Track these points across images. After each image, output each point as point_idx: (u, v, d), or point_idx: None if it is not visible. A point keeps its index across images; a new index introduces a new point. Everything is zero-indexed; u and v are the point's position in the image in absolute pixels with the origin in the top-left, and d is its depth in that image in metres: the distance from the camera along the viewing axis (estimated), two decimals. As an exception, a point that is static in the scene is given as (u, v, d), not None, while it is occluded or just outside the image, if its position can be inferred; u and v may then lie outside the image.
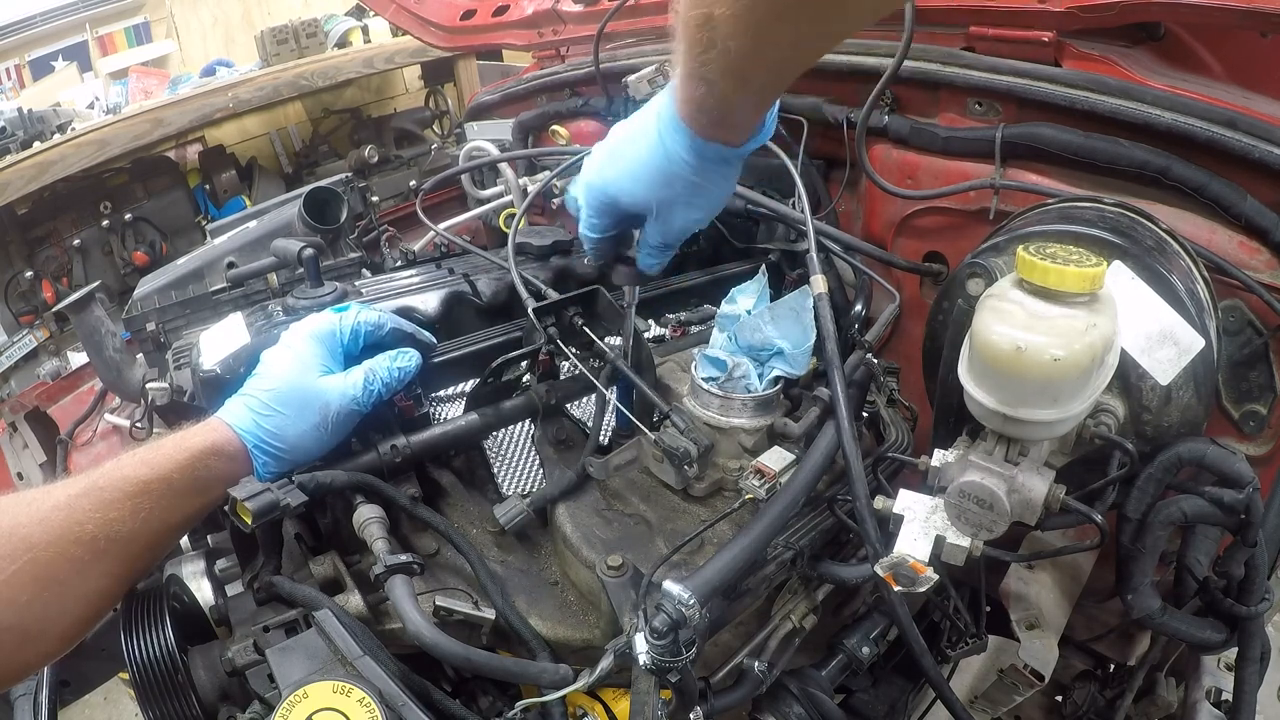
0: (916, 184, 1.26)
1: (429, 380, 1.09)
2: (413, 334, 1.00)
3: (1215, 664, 1.13)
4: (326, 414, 0.87)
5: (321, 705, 0.64)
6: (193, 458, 0.81)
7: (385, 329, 0.97)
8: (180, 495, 0.80)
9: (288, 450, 0.85)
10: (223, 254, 1.66)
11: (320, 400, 0.87)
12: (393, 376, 0.92)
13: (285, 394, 0.86)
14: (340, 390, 0.88)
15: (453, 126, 4.36)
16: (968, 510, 0.80)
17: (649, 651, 0.70)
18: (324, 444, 0.89)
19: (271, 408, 0.85)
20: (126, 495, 0.77)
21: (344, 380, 0.89)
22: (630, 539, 0.93)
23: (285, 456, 0.85)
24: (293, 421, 0.85)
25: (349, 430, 0.91)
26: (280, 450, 0.85)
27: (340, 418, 0.88)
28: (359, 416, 0.91)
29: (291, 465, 0.87)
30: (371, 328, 0.95)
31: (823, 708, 0.94)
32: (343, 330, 0.94)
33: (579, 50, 1.89)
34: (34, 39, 4.15)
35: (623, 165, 0.79)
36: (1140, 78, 1.06)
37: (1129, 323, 0.81)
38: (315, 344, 0.91)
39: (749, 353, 1.00)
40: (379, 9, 2.34)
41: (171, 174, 3.68)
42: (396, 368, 0.93)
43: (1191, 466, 0.85)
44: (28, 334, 3.28)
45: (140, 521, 0.77)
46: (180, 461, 0.80)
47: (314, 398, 0.87)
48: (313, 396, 0.87)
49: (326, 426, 0.87)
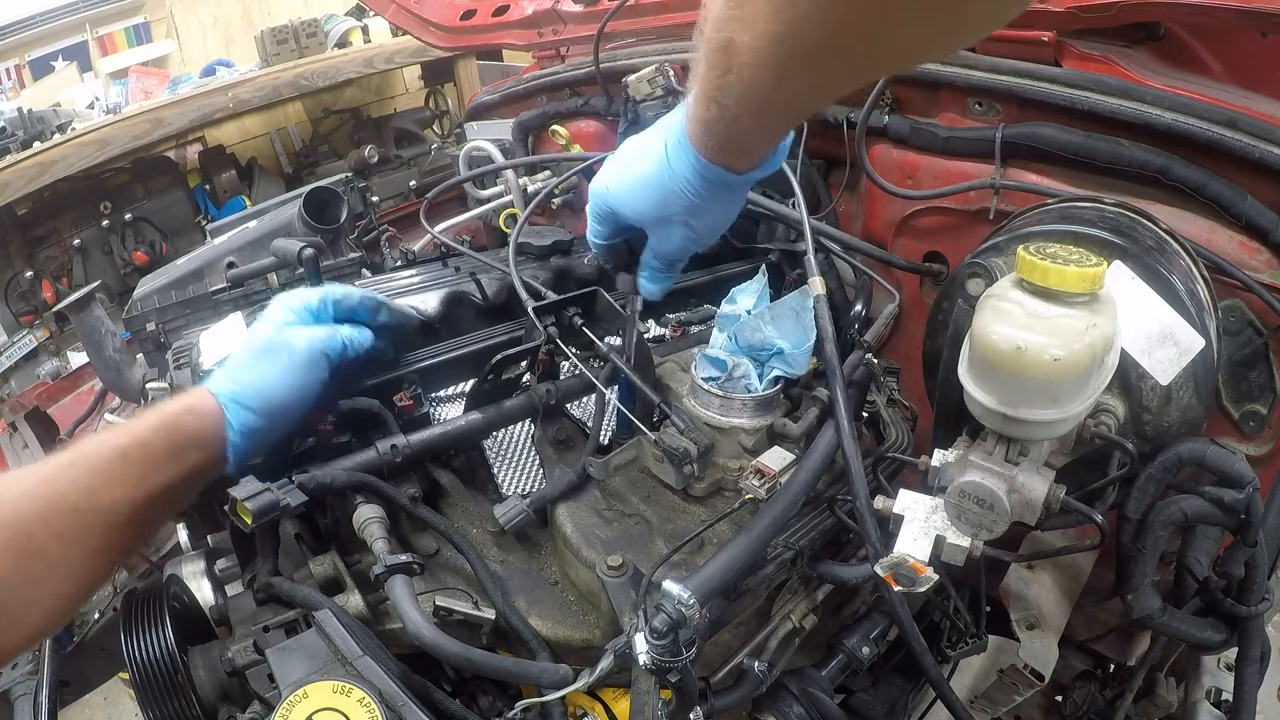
0: (916, 184, 1.26)
1: (429, 380, 1.09)
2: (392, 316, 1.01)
3: (1215, 664, 1.13)
4: (294, 356, 0.88)
5: (321, 705, 0.64)
6: (166, 420, 0.81)
7: (355, 299, 0.98)
8: (158, 459, 0.79)
9: (256, 398, 0.85)
10: (223, 254, 1.66)
11: (286, 344, 0.89)
12: (353, 339, 0.94)
13: (252, 347, 0.89)
14: (305, 334, 0.90)
15: (453, 126, 4.36)
16: (968, 510, 0.80)
17: (649, 651, 0.70)
18: (293, 390, 0.88)
19: (239, 361, 0.88)
20: (106, 462, 0.77)
21: (310, 328, 0.92)
22: (630, 539, 0.93)
23: (255, 406, 0.85)
24: (260, 369, 0.87)
25: (318, 383, 0.91)
26: (250, 400, 0.85)
27: (306, 360, 0.89)
28: (325, 365, 0.91)
29: (266, 420, 0.86)
30: (340, 296, 0.97)
31: (823, 708, 0.94)
32: (311, 296, 0.95)
33: (579, 50, 1.89)
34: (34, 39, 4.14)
35: (627, 177, 0.80)
36: (1140, 78, 1.06)
37: (1129, 323, 0.81)
38: (284, 307, 0.94)
39: (749, 353, 1.00)
40: (379, 9, 2.34)
41: (171, 174, 3.68)
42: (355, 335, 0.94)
43: (1191, 466, 0.85)
44: (28, 334, 3.28)
45: (120, 488, 0.77)
46: (155, 425, 0.80)
47: (280, 343, 0.89)
48: (279, 342, 0.89)
49: (294, 371, 0.88)
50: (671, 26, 1.61)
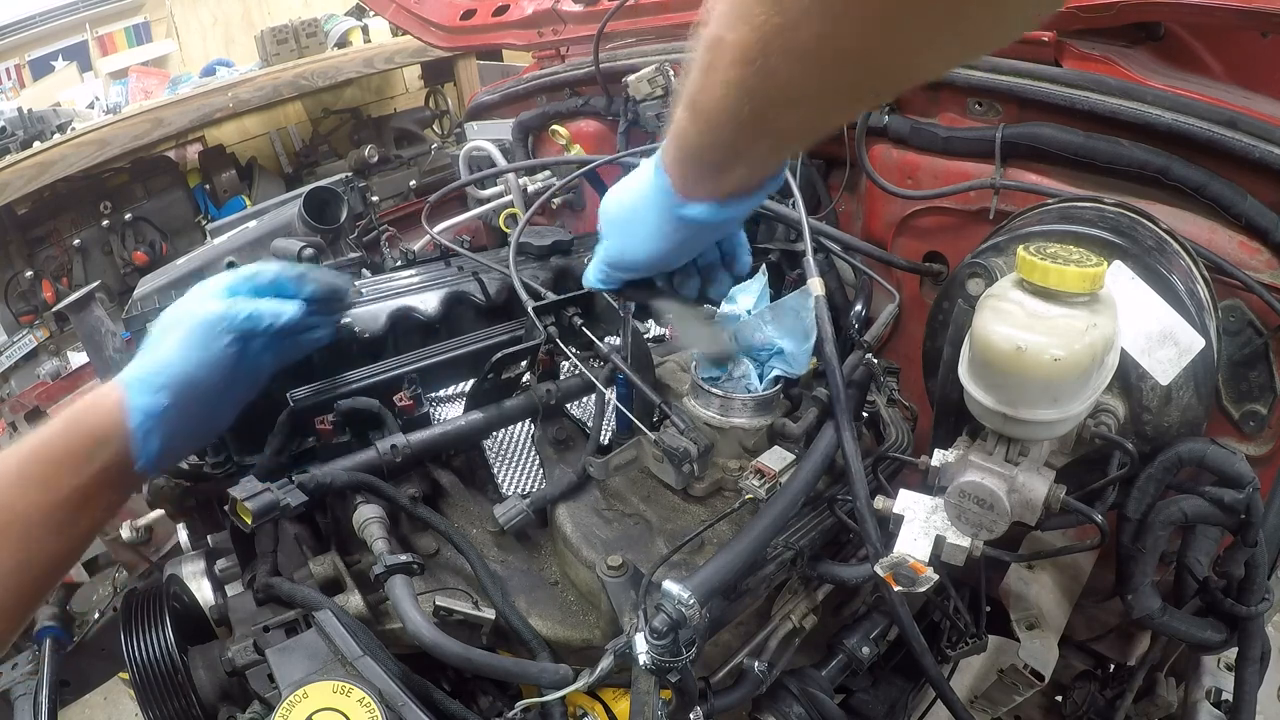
0: (916, 184, 1.26)
1: (429, 380, 1.09)
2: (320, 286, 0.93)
3: (1215, 664, 1.13)
4: (190, 329, 0.83)
5: (321, 705, 0.64)
6: (69, 417, 0.79)
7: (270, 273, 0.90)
8: (64, 459, 0.77)
9: (155, 375, 0.81)
10: (223, 254, 1.66)
11: (184, 317, 0.84)
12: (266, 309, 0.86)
13: (154, 327, 0.85)
14: (203, 307, 0.84)
15: (453, 126, 4.36)
16: (968, 510, 0.80)
17: (649, 651, 0.70)
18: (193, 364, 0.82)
19: (144, 345, 0.84)
20: (15, 467, 0.75)
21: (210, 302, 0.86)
22: (630, 539, 0.93)
23: (154, 382, 0.80)
24: (157, 347, 0.83)
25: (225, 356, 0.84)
26: (149, 377, 0.80)
27: (203, 331, 0.83)
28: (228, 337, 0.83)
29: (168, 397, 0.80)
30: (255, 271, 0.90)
31: (823, 708, 0.94)
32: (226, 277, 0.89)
33: (579, 50, 1.89)
34: (34, 39, 4.14)
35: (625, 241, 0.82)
36: (1140, 78, 1.06)
37: (1129, 323, 0.81)
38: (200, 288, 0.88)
39: (749, 353, 1.00)
40: (379, 9, 2.34)
41: (171, 174, 3.68)
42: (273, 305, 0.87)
43: (1191, 466, 0.85)
44: (28, 334, 3.28)
45: (35, 491, 0.75)
46: (59, 424, 0.78)
47: (179, 318, 0.84)
48: (181, 315, 0.84)
49: (190, 343, 0.82)
50: (671, 26, 1.61)
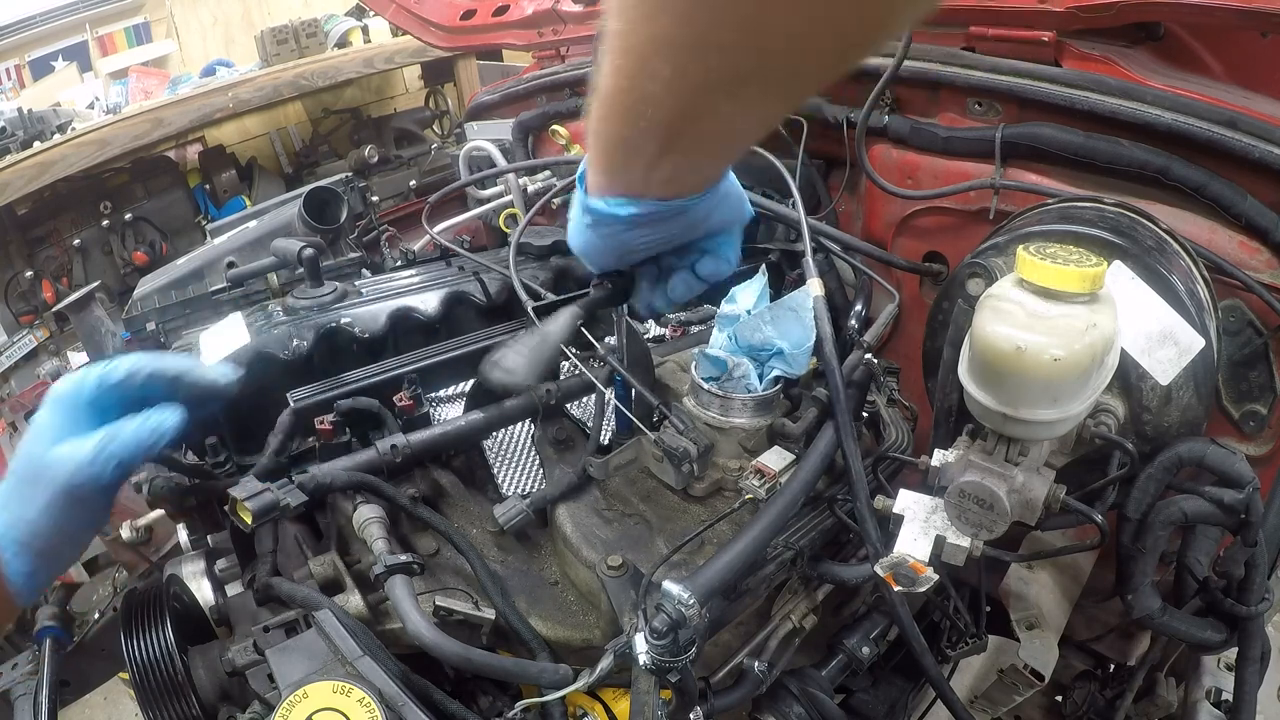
0: (916, 184, 1.26)
1: (429, 380, 1.09)
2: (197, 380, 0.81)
3: (1215, 664, 1.13)
4: (56, 489, 0.71)
5: (321, 705, 0.64)
6: None
7: (141, 376, 0.77)
8: None
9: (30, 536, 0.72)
10: (223, 254, 1.67)
11: (49, 473, 0.72)
12: (141, 438, 0.74)
13: (18, 471, 0.73)
14: (71, 458, 0.71)
15: (453, 126, 4.36)
16: (968, 510, 0.80)
17: (649, 651, 0.70)
18: (65, 527, 0.73)
19: (8, 486, 0.73)
20: None
21: (76, 447, 0.72)
22: (630, 539, 0.93)
23: (29, 542, 0.72)
24: (28, 502, 0.72)
25: (93, 517, 0.75)
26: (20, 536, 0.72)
27: (79, 493, 0.72)
28: (107, 491, 0.74)
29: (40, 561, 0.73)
30: (122, 376, 0.76)
31: (823, 708, 0.94)
32: (84, 386, 0.75)
33: (579, 50, 1.89)
34: (34, 39, 4.14)
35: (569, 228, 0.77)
36: (1140, 78, 1.06)
37: (1129, 323, 0.81)
38: (53, 408, 0.75)
39: (749, 353, 1.00)
40: (379, 9, 2.34)
41: (171, 174, 3.68)
42: (148, 427, 0.74)
43: (1191, 466, 0.85)
44: (28, 334, 3.28)
45: None
46: None
47: (43, 470, 0.72)
48: (42, 469, 0.72)
49: (61, 506, 0.71)
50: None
